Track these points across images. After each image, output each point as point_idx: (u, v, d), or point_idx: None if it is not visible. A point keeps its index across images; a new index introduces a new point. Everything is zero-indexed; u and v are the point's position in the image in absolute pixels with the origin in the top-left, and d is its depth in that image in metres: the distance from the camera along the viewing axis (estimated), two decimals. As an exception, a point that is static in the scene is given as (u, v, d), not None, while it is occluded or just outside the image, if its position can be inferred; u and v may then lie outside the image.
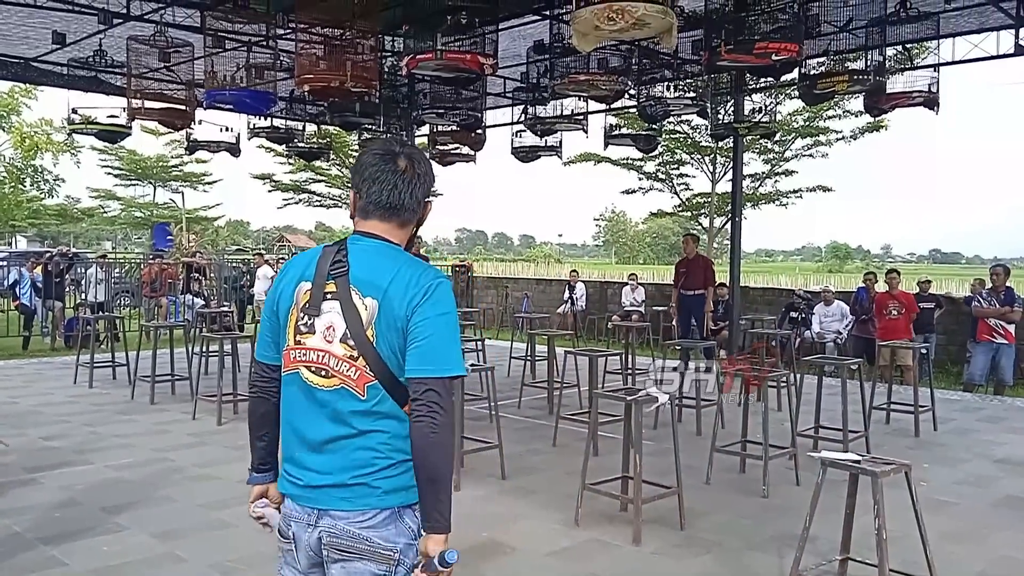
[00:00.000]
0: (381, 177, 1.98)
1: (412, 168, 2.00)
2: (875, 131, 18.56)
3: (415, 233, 2.08)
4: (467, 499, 5.35)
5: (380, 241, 1.99)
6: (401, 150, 2.02)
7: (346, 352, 1.89)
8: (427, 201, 2.05)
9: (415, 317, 1.86)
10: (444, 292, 1.90)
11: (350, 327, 1.89)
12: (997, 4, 8.46)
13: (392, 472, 1.90)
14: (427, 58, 6.52)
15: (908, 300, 10.88)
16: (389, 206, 1.98)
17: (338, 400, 1.90)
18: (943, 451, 6.96)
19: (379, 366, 1.87)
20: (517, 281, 20.62)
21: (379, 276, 1.90)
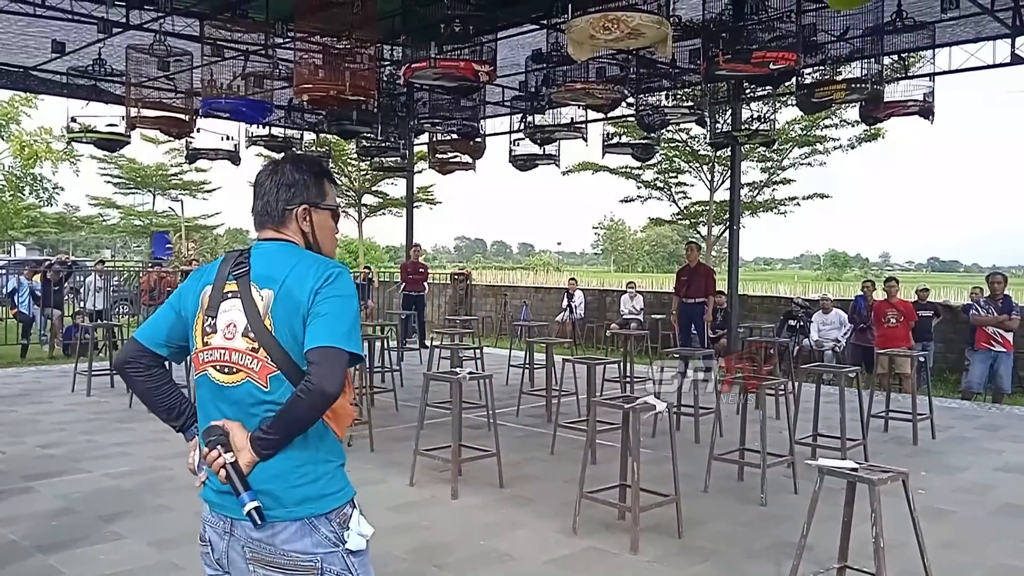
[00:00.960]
0: (255, 187, 2.07)
1: (285, 174, 2.04)
2: (872, 140, 18.63)
3: (309, 239, 2.06)
4: (465, 507, 5.35)
5: (279, 241, 2.03)
6: (282, 160, 2.11)
7: (248, 345, 1.90)
8: (298, 206, 2.03)
9: (316, 299, 1.87)
10: (344, 279, 1.93)
11: (250, 320, 1.90)
12: (993, 14, 8.51)
13: (301, 480, 1.89)
14: (422, 66, 6.55)
15: (906, 308, 10.89)
16: (259, 213, 2.06)
17: (243, 395, 1.90)
18: (941, 459, 6.95)
19: (280, 355, 1.87)
20: (516, 289, 20.63)
21: (277, 270, 1.93)
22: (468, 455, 5.98)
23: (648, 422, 7.30)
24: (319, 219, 2.07)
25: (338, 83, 7.86)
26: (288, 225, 2.03)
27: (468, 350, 9.83)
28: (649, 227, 47.95)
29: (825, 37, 7.78)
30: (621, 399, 5.22)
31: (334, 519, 1.90)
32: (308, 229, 2.04)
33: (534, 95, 10.44)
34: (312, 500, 1.88)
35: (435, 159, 12.30)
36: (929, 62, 9.56)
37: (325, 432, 1.93)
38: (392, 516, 5.08)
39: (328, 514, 1.89)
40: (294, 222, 2.03)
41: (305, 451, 1.89)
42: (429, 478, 5.92)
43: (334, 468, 1.95)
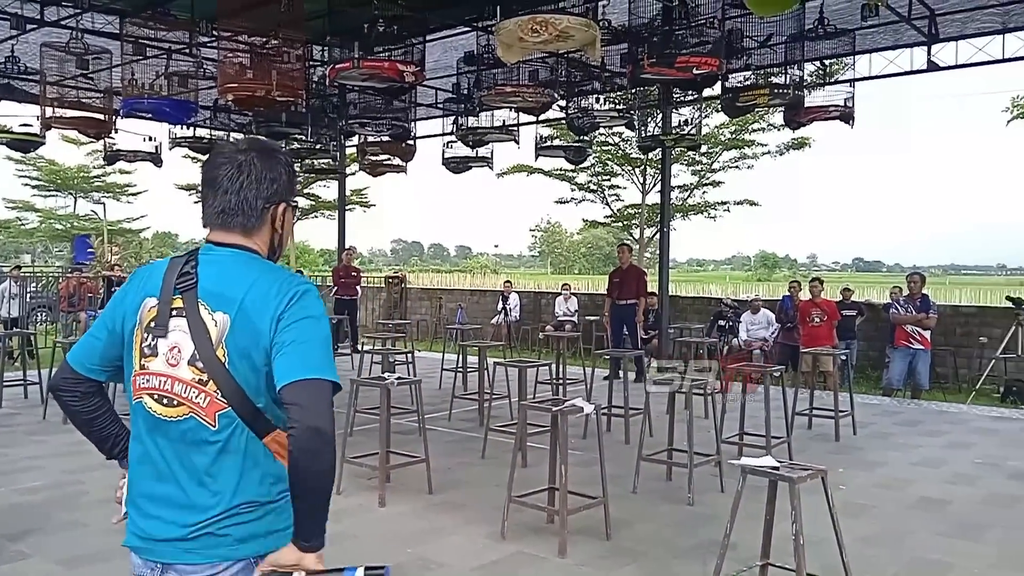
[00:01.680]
0: (213, 179, 1.80)
1: (245, 166, 1.79)
2: (799, 148, 19.13)
3: (277, 239, 1.87)
4: (392, 516, 5.27)
5: (233, 249, 1.79)
6: (246, 148, 1.83)
7: (194, 376, 1.68)
8: (273, 202, 1.82)
9: (280, 325, 1.67)
10: (311, 298, 1.73)
11: (198, 347, 1.68)
12: (910, 22, 8.80)
13: (246, 517, 1.70)
14: (346, 67, 6.44)
15: (830, 308, 11.19)
16: (222, 211, 1.79)
17: (186, 432, 1.69)
18: (862, 455, 7.15)
19: (232, 390, 1.67)
20: (452, 292, 20.54)
21: (232, 287, 1.70)
22: (397, 462, 5.90)
23: (579, 424, 7.32)
24: (289, 218, 1.88)
25: (265, 83, 7.68)
26: (261, 227, 1.81)
27: (400, 354, 9.73)
28: (585, 229, 48.35)
29: (750, 43, 7.94)
30: (550, 402, 5.22)
31: None
32: (281, 230, 1.86)
33: (466, 97, 10.40)
34: (260, 537, 1.72)
35: (366, 161, 12.15)
36: (849, 68, 9.85)
37: (272, 464, 1.74)
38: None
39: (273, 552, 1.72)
40: (269, 223, 1.82)
41: (252, 485, 1.71)
42: (356, 486, 5.82)
43: (283, 502, 1.74)
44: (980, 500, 5.75)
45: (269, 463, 1.73)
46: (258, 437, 1.70)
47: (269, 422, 1.71)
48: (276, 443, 1.72)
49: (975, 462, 6.87)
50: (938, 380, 11.73)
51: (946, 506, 5.59)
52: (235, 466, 1.70)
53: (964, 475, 6.43)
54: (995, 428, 8.38)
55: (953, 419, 8.91)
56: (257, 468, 1.72)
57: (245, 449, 1.70)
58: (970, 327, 12.52)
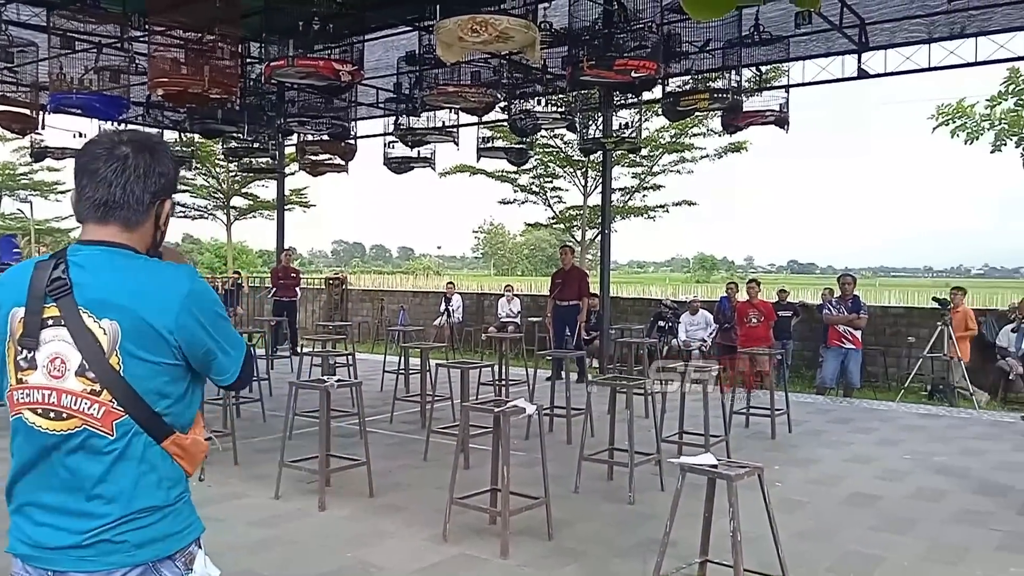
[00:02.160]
0: (93, 171, 1.71)
1: (131, 158, 1.71)
2: (737, 151, 19.50)
3: (159, 235, 1.80)
4: (332, 519, 5.20)
5: (108, 248, 1.70)
6: (128, 140, 1.75)
7: (85, 387, 1.62)
8: (160, 198, 1.76)
9: (190, 327, 1.68)
10: (202, 285, 1.74)
11: (87, 357, 1.61)
12: (841, 30, 9.04)
13: (144, 522, 1.66)
14: (281, 64, 6.32)
15: (767, 308, 11.43)
16: (103, 204, 1.70)
17: (78, 444, 1.63)
18: (796, 452, 7.31)
19: (129, 398, 1.63)
20: (393, 294, 20.38)
21: (116, 292, 1.64)
22: (337, 465, 5.82)
23: (522, 424, 7.33)
24: (170, 212, 1.82)
25: (198, 79, 7.50)
26: (145, 222, 1.74)
27: (340, 356, 9.61)
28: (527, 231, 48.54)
29: (688, 48, 8.06)
30: (492, 403, 5.20)
31: (179, 560, 1.71)
32: (164, 226, 1.79)
33: (407, 97, 10.33)
34: (157, 541, 1.68)
35: (305, 160, 11.97)
36: (784, 74, 10.08)
37: (171, 471, 1.72)
38: (255, 531, 4.87)
39: (174, 555, 1.70)
40: (153, 219, 1.75)
41: (149, 490, 1.67)
42: (296, 490, 5.72)
43: (181, 504, 1.74)
44: (909, 495, 5.93)
45: (167, 467, 1.72)
46: (156, 442, 1.69)
47: (168, 426, 1.70)
48: (175, 446, 1.71)
49: (904, 458, 7.09)
50: (869, 379, 12.08)
51: (877, 501, 5.75)
52: (131, 472, 1.66)
53: (894, 471, 6.63)
54: (923, 425, 8.67)
55: (883, 417, 9.18)
56: (154, 472, 1.69)
57: (142, 455, 1.67)
58: (899, 327, 12.94)
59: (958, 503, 5.71)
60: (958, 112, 14.46)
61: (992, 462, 6.94)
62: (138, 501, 1.67)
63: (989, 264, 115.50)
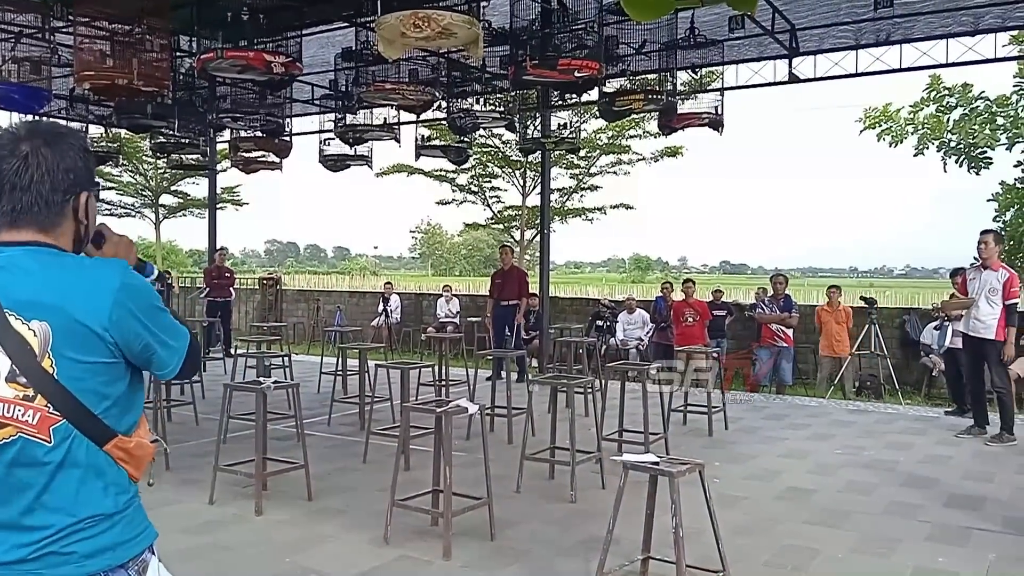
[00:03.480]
0: (2, 176, 1.62)
1: (39, 159, 1.62)
2: (673, 155, 19.82)
3: (82, 230, 1.70)
4: (270, 524, 5.07)
5: (30, 247, 1.62)
6: (28, 136, 1.65)
7: (17, 393, 1.55)
8: (73, 193, 1.66)
9: (122, 327, 1.60)
10: (136, 281, 1.66)
11: (16, 361, 1.54)
12: (773, 35, 9.25)
13: (92, 531, 1.59)
14: (210, 57, 6.14)
15: (702, 308, 11.63)
16: (11, 211, 1.62)
17: (15, 455, 1.55)
18: (733, 448, 7.44)
19: (65, 401, 1.55)
20: (330, 294, 20.09)
21: (43, 291, 1.56)
22: (274, 468, 5.68)
23: (462, 425, 7.28)
24: (93, 206, 1.72)
25: (126, 72, 7.24)
26: (63, 221, 1.65)
27: (276, 358, 9.41)
28: (466, 231, 48.44)
29: (625, 50, 8.13)
30: (433, 403, 5.15)
31: (132, 568, 1.64)
32: (86, 220, 1.69)
33: (345, 94, 10.17)
34: (108, 550, 1.61)
35: (238, 157, 11.69)
36: (719, 78, 10.26)
37: (118, 476, 1.64)
38: (188, 538, 4.71)
39: (127, 563, 1.63)
40: (71, 216, 1.66)
41: (95, 497, 1.60)
42: (231, 495, 5.56)
43: (131, 511, 1.67)
44: (841, 488, 6.08)
45: (112, 472, 1.64)
46: (98, 446, 1.61)
47: (109, 428, 1.62)
48: (119, 449, 1.63)
49: (836, 453, 7.28)
50: (800, 376, 12.39)
51: (811, 495, 5.88)
52: (74, 480, 1.59)
53: (826, 465, 6.80)
54: (852, 420, 8.92)
55: (814, 413, 9.42)
56: (99, 479, 1.62)
57: (85, 461, 1.59)
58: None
59: (887, 496, 5.88)
60: (884, 116, 14.95)
61: (919, 456, 7.17)
62: (84, 509, 1.59)
63: (911, 265, 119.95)
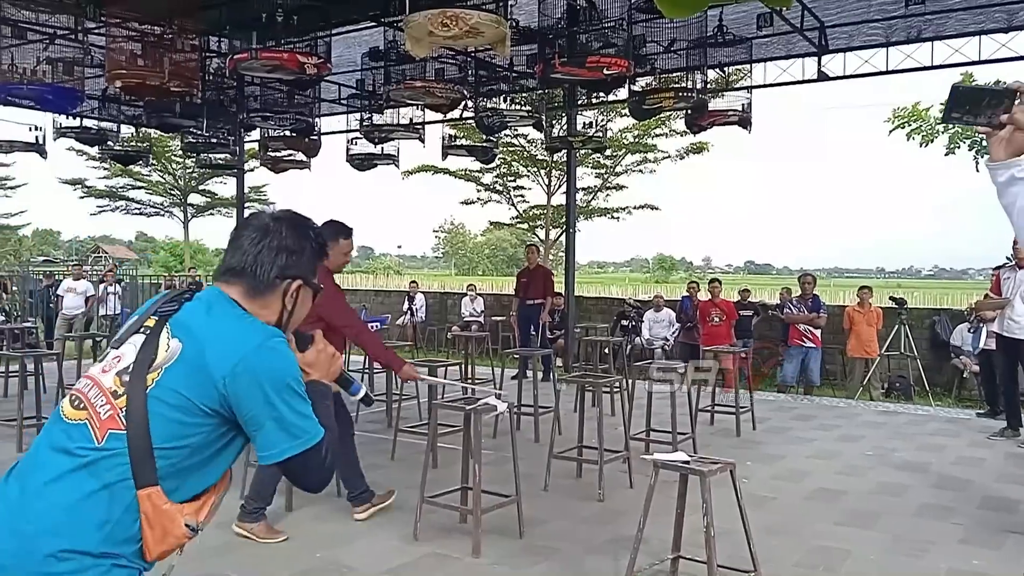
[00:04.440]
0: (239, 239, 1.74)
1: (275, 235, 1.73)
2: (698, 152, 19.70)
3: (284, 316, 1.74)
4: (301, 519, 5.11)
5: (226, 296, 1.70)
6: (279, 217, 1.78)
7: (112, 387, 1.56)
8: (288, 275, 1.72)
9: (240, 387, 1.55)
10: (277, 350, 1.60)
11: (136, 362, 1.56)
12: (802, 33, 9.18)
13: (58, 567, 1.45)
14: (244, 57, 6.20)
15: (729, 307, 11.56)
16: (229, 268, 1.72)
17: (69, 436, 1.54)
18: (762, 448, 7.39)
19: (139, 416, 1.51)
20: (355, 293, 20.19)
21: (201, 322, 1.61)
22: (303, 465, 5.72)
23: (489, 423, 7.29)
24: (303, 298, 1.75)
25: (157, 72, 7.34)
26: (269, 296, 1.70)
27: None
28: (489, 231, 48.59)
29: (653, 48, 8.11)
30: (462, 401, 5.16)
31: None
32: (291, 307, 1.73)
33: (371, 94, 10.23)
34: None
35: (267, 157, 11.80)
36: (747, 76, 10.19)
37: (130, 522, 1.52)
38: (221, 534, 4.76)
39: None
40: (279, 296, 1.71)
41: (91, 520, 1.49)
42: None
43: (111, 571, 1.52)
44: (872, 490, 6.02)
45: (124, 517, 1.51)
46: (134, 483, 1.51)
47: (153, 473, 1.51)
48: (149, 502, 1.51)
49: (866, 454, 7.20)
50: (828, 377, 12.27)
51: (841, 496, 5.83)
52: (83, 488, 1.49)
53: (856, 466, 6.73)
54: (882, 422, 8.82)
55: (843, 414, 9.33)
56: (107, 510, 1.50)
57: (108, 482, 1.50)
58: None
59: (920, 498, 5.81)
60: (913, 116, 14.77)
61: (951, 457, 7.08)
62: (67, 529, 1.47)
63: (939, 265, 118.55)
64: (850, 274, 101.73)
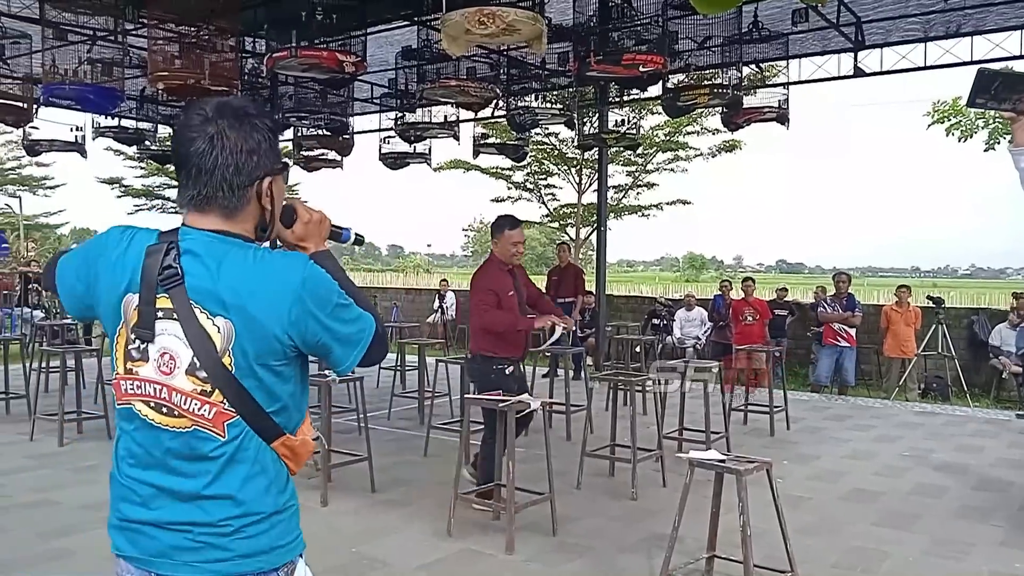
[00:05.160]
0: (188, 160, 1.57)
1: (221, 138, 1.56)
2: (731, 151, 19.51)
3: (267, 216, 1.65)
4: (335, 514, 5.16)
5: (218, 236, 1.58)
6: (215, 116, 1.57)
7: (195, 387, 1.54)
8: (261, 179, 1.60)
9: (300, 326, 1.56)
10: (317, 276, 1.59)
11: (199, 355, 1.53)
12: (838, 28, 9.05)
13: (252, 531, 1.59)
14: (283, 55, 6.26)
15: (762, 307, 11.46)
16: (198, 195, 1.58)
17: (189, 444, 1.56)
18: (796, 448, 7.31)
19: (242, 399, 1.55)
20: (386, 291, 20.32)
21: (229, 288, 1.54)
22: (338, 460, 5.78)
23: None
24: (278, 187, 1.64)
25: (196, 72, 7.43)
26: (246, 207, 1.60)
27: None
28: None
29: (686, 44, 8.05)
30: (494, 398, 5.17)
31: (283, 571, 1.65)
32: (270, 205, 1.63)
33: (405, 92, 10.27)
34: (264, 553, 1.60)
35: (300, 156, 11.89)
36: (782, 72, 10.09)
37: (279, 473, 1.63)
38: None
39: (279, 568, 1.63)
40: (254, 200, 1.60)
41: (257, 501, 1.59)
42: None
43: (290, 514, 1.67)
44: (910, 491, 5.94)
45: (276, 470, 1.63)
46: (267, 443, 1.61)
47: (278, 427, 1.61)
48: (285, 447, 1.63)
49: (902, 455, 7.10)
50: (863, 376, 12.11)
51: (878, 497, 5.75)
52: (241, 475, 1.58)
53: (893, 467, 6.64)
54: (919, 422, 8.69)
55: (879, 414, 9.20)
56: (264, 476, 1.61)
57: (254, 457, 1.60)
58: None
59: (959, 499, 5.72)
60: (953, 111, 14.52)
61: (990, 459, 6.96)
62: (247, 505, 1.59)
63: (976, 264, 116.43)
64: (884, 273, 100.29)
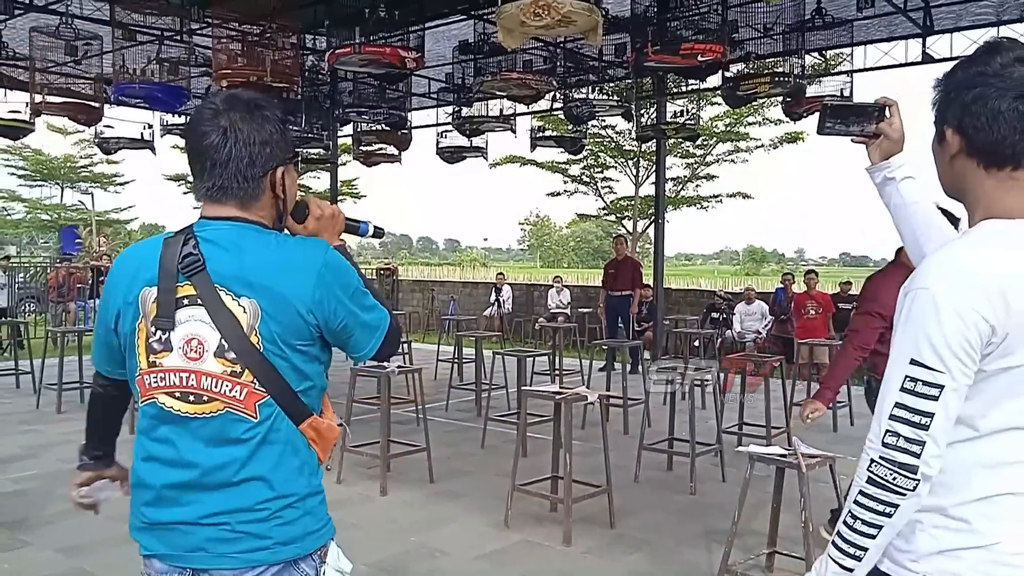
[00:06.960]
0: (204, 153, 1.60)
1: (236, 134, 1.59)
2: (793, 141, 19.10)
3: (281, 205, 1.68)
4: (394, 504, 5.24)
5: (236, 224, 1.61)
6: (226, 109, 1.60)
7: (225, 368, 1.55)
8: (274, 169, 1.64)
9: (324, 307, 1.59)
10: (337, 261, 1.64)
11: (227, 337, 1.54)
12: (906, 13, 8.79)
13: (288, 515, 1.59)
14: (346, 52, 6.36)
15: (825, 300, 11.22)
16: (213, 186, 1.61)
17: (221, 428, 1.56)
18: (860, 444, 7.10)
19: (271, 378, 1.56)
20: (443, 284, 20.48)
21: (251, 270, 1.56)
22: (397, 451, 5.86)
23: (578, 414, 7.29)
24: (291, 179, 1.68)
25: (259, 69, 7.60)
26: (261, 196, 1.63)
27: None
28: (574, 223, 48.45)
29: (749, 32, 7.92)
30: (552, 390, 5.18)
31: (316, 555, 1.66)
32: (283, 195, 1.66)
33: (462, 87, 10.34)
34: (299, 540, 1.61)
35: (360, 151, 12.06)
36: (846, 60, 9.84)
37: (310, 456, 1.65)
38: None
39: (313, 553, 1.65)
40: (268, 190, 1.63)
41: (290, 482, 1.60)
42: (357, 475, 5.77)
43: (319, 501, 1.68)
44: (980, 489, 5.75)
45: (306, 452, 1.65)
46: (295, 424, 1.62)
47: (307, 407, 1.63)
48: (312, 429, 1.65)
49: (972, 452, 6.88)
50: (930, 372, 11.75)
51: (946, 495, 5.58)
52: (275, 456, 1.59)
53: (962, 465, 6.43)
54: (990, 419, 8.41)
55: (947, 410, 8.92)
56: (296, 457, 1.63)
57: (286, 438, 1.61)
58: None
59: (1033, 499, 5.52)
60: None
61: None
62: (281, 487, 1.59)
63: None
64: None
